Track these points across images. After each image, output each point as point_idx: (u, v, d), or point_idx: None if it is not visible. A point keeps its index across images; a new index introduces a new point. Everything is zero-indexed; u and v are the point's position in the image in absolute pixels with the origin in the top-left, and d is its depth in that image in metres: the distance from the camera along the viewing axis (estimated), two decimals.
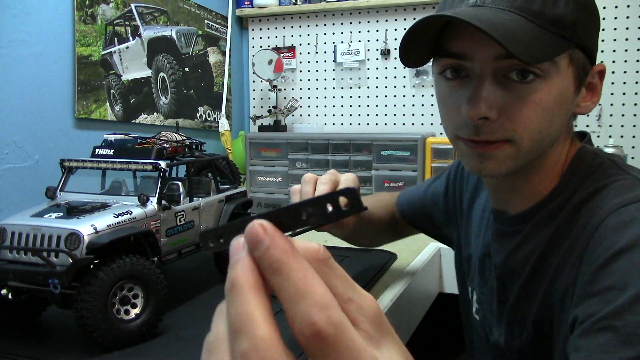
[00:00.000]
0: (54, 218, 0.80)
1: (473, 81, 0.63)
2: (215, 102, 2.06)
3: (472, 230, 0.88)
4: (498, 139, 0.62)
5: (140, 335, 0.79)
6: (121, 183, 0.97)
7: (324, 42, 2.15)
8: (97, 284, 0.74)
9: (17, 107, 1.27)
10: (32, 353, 0.77)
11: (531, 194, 0.70)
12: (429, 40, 0.64)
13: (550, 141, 0.65)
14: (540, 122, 0.62)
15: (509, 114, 0.61)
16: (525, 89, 0.61)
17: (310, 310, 0.25)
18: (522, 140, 0.62)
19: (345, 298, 0.27)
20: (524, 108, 0.61)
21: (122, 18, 1.59)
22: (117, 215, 0.81)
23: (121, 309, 0.78)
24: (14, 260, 0.78)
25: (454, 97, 0.66)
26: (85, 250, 0.75)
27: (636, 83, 1.77)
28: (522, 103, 0.61)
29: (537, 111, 0.61)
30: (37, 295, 0.81)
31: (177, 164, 0.96)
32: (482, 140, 0.63)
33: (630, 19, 1.76)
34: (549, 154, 0.67)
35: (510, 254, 0.72)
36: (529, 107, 0.61)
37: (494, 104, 0.61)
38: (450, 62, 0.65)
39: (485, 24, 0.55)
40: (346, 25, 2.10)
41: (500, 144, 0.63)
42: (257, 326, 0.25)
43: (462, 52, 0.63)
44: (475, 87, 0.62)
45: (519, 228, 0.71)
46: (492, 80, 0.62)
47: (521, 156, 0.64)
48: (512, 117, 0.61)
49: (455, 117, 0.66)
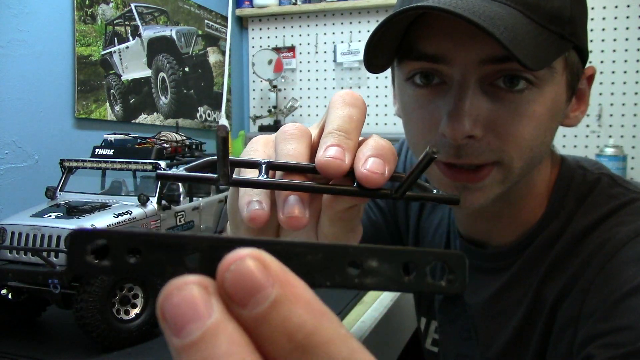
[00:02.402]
0: (53, 218, 0.80)
1: (453, 90, 0.50)
2: (215, 102, 2.06)
3: None
4: (484, 161, 0.51)
5: (140, 335, 0.79)
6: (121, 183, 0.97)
7: (324, 42, 2.15)
8: (97, 284, 0.74)
9: (17, 107, 1.27)
10: (32, 353, 0.77)
11: (517, 221, 0.59)
12: (394, 40, 0.52)
13: (540, 159, 0.55)
14: (533, 138, 0.50)
15: (496, 130, 0.50)
16: (516, 100, 0.49)
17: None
18: (512, 160, 0.51)
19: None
20: (514, 122, 0.50)
21: (122, 18, 1.59)
22: (117, 215, 0.81)
23: (121, 309, 0.78)
24: (14, 260, 0.78)
25: (426, 109, 0.52)
26: None
27: (636, 83, 1.77)
28: (513, 116, 0.49)
29: (530, 126, 0.50)
30: (37, 295, 0.81)
31: (177, 164, 0.96)
32: (465, 164, 0.51)
33: (630, 19, 1.76)
34: (535, 173, 0.57)
35: (496, 295, 0.61)
36: (521, 121, 0.50)
37: (479, 118, 0.49)
38: (422, 65, 0.51)
39: (483, 18, 0.43)
40: (346, 25, 2.10)
41: (488, 170, 0.51)
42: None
43: (438, 53, 0.50)
44: (456, 98, 0.49)
45: (504, 264, 0.60)
46: (477, 89, 0.49)
47: (510, 180, 0.52)
48: (500, 134, 0.50)
49: (428, 135, 0.53)
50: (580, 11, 0.51)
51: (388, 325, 0.97)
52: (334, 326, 0.16)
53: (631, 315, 0.47)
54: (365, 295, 1.01)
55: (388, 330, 0.98)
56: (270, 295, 0.15)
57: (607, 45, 1.78)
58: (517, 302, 0.59)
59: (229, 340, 0.14)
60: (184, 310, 0.14)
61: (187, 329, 0.14)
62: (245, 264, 0.14)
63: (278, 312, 0.14)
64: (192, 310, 0.14)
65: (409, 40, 0.51)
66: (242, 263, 0.15)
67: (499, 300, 0.61)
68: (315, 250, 0.17)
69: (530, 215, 0.58)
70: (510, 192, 0.55)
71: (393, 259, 0.18)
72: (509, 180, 0.52)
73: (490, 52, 0.47)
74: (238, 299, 0.15)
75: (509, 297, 0.60)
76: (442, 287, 0.19)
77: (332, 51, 2.12)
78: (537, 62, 0.45)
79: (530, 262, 0.58)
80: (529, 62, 0.44)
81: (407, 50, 0.52)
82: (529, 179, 0.57)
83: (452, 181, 0.52)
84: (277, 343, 0.14)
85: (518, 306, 0.59)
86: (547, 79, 0.50)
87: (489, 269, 0.61)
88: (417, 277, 0.19)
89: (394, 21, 0.47)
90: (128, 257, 0.16)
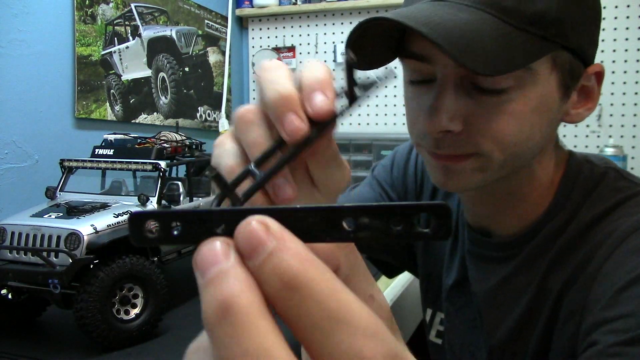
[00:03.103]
0: (53, 218, 0.80)
1: (435, 87, 0.54)
2: (215, 102, 2.06)
3: (431, 245, 0.76)
4: (462, 153, 0.54)
5: (140, 335, 0.79)
6: (121, 183, 0.97)
7: (324, 42, 2.15)
8: (97, 284, 0.74)
9: (17, 107, 1.27)
10: (32, 353, 0.77)
11: (522, 212, 0.61)
12: (390, 39, 0.55)
13: (532, 154, 0.56)
14: (516, 134, 0.53)
15: (476, 127, 0.52)
16: (494, 99, 0.52)
17: (357, 342, 0.18)
18: (492, 153, 0.53)
19: None
20: (494, 120, 0.52)
21: (122, 18, 1.59)
22: (117, 215, 0.81)
23: (121, 309, 0.78)
24: (14, 260, 0.78)
25: (416, 103, 0.57)
26: (85, 250, 0.75)
27: (636, 83, 1.77)
28: (493, 114, 0.52)
29: (511, 123, 0.52)
30: (37, 295, 0.81)
31: (177, 164, 0.96)
32: (443, 155, 0.55)
33: (630, 19, 1.76)
34: (537, 166, 0.59)
35: (501, 284, 0.63)
36: (501, 119, 0.52)
37: (457, 114, 0.52)
38: (412, 63, 0.56)
39: (435, 29, 0.46)
40: (346, 25, 2.10)
41: (467, 157, 0.54)
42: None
43: (423, 53, 0.53)
44: (435, 95, 0.53)
45: (510, 253, 0.62)
46: (456, 87, 0.53)
47: (493, 169, 0.55)
48: (479, 130, 0.52)
49: (415, 127, 0.58)
50: (574, 11, 0.52)
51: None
52: (318, 271, 0.19)
53: (634, 303, 0.48)
54: None
55: None
56: (267, 248, 0.19)
57: (607, 45, 1.78)
58: (521, 290, 0.60)
59: (238, 279, 0.19)
60: (207, 257, 0.19)
61: (209, 270, 0.19)
62: (252, 226, 0.19)
63: (272, 260, 0.19)
64: (213, 257, 0.19)
65: (404, 40, 0.56)
66: (250, 226, 0.19)
67: (504, 288, 0.62)
68: (314, 212, 0.21)
69: (536, 207, 0.60)
70: (509, 183, 0.58)
71: (382, 214, 0.21)
72: (490, 170, 0.55)
73: None
74: (246, 253, 0.19)
75: (514, 286, 0.61)
76: (428, 234, 0.21)
77: (332, 51, 2.12)
78: (495, 67, 0.47)
79: (536, 252, 0.59)
80: (481, 67, 0.46)
81: (402, 49, 0.56)
82: (530, 172, 0.59)
83: (436, 162, 0.57)
84: (271, 284, 0.19)
85: (523, 295, 0.60)
86: (527, 80, 0.51)
87: (495, 258, 0.63)
88: (405, 228, 0.21)
89: (366, 26, 0.50)
90: (172, 231, 0.21)
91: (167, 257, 0.91)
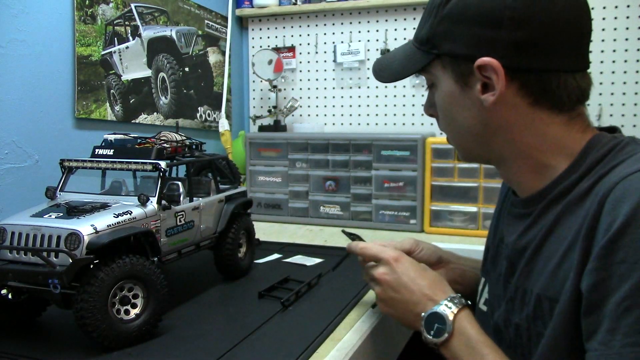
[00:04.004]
0: (53, 218, 0.80)
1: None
2: (215, 102, 2.06)
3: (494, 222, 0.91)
4: (442, 131, 0.81)
5: (140, 335, 0.79)
6: (121, 183, 0.97)
7: (324, 42, 2.15)
8: (97, 284, 0.74)
9: (17, 107, 1.27)
10: (32, 353, 0.77)
11: (536, 176, 0.73)
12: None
13: (468, 133, 0.76)
14: (443, 118, 0.79)
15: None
16: (432, 92, 0.80)
17: (377, 270, 0.84)
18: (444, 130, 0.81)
19: None
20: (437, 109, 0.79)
21: (122, 18, 1.59)
22: (117, 215, 0.81)
23: (121, 309, 0.78)
24: (14, 260, 0.78)
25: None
26: (85, 250, 0.75)
27: (636, 83, 1.77)
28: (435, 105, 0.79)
29: (440, 111, 0.78)
30: (37, 295, 0.81)
31: (177, 164, 0.96)
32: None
33: (630, 19, 1.76)
34: (503, 141, 0.73)
35: (522, 233, 0.75)
36: (437, 108, 0.79)
37: (427, 104, 0.82)
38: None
39: (375, 65, 0.85)
40: (346, 25, 2.10)
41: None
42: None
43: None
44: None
45: (530, 210, 0.74)
46: (430, 88, 0.80)
47: (456, 147, 0.82)
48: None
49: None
50: (448, 26, 0.71)
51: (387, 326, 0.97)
52: (374, 248, 0.87)
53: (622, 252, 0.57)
54: (365, 295, 1.01)
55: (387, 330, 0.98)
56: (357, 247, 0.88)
57: (607, 45, 1.78)
58: (533, 237, 0.72)
59: (369, 267, 0.88)
60: (367, 252, 0.88)
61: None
62: (353, 245, 0.90)
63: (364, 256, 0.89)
64: (372, 252, 0.87)
65: None
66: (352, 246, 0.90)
67: (524, 237, 0.74)
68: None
69: (554, 171, 0.72)
70: (490, 159, 0.79)
71: None
72: (454, 144, 0.81)
73: None
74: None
75: (529, 235, 0.73)
76: None
77: (332, 51, 2.12)
78: (394, 77, 0.80)
79: (549, 205, 0.71)
80: (384, 79, 0.82)
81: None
82: (505, 144, 0.74)
83: None
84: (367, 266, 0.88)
85: (533, 241, 0.72)
86: (434, 80, 0.77)
87: (519, 214, 0.77)
88: None
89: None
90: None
91: (167, 257, 0.91)
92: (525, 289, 0.72)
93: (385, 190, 1.70)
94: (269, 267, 1.22)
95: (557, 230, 0.68)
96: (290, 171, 1.83)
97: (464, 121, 0.75)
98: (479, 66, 0.69)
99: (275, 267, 1.21)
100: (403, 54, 0.79)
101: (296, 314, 0.92)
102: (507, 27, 0.66)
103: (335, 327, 0.86)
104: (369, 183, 1.73)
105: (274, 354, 0.76)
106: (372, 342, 0.88)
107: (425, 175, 1.65)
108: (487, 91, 0.70)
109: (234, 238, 1.07)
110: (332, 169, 1.78)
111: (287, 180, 1.83)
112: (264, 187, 1.87)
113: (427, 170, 1.65)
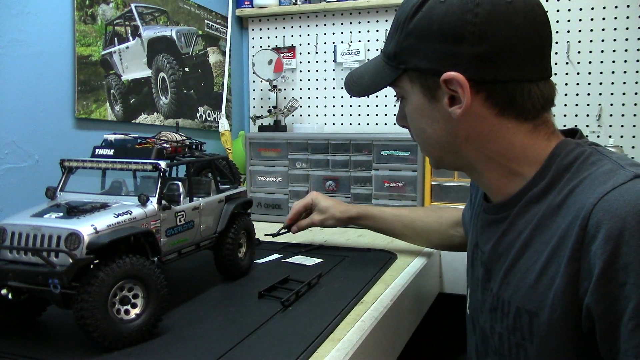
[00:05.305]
0: (54, 218, 0.80)
1: None
2: (215, 102, 2.06)
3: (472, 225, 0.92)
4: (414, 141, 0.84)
5: (140, 335, 0.79)
6: (121, 183, 0.97)
7: (324, 42, 2.15)
8: (97, 284, 0.74)
9: (17, 107, 1.27)
10: (32, 353, 0.77)
11: (506, 182, 0.76)
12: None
13: (438, 144, 0.78)
14: (414, 130, 0.81)
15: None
16: (403, 104, 0.81)
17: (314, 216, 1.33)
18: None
19: None
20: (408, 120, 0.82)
21: (122, 18, 1.59)
22: (117, 215, 0.81)
23: (121, 309, 0.78)
24: (14, 260, 0.78)
25: None
26: (85, 250, 0.75)
27: (636, 83, 1.77)
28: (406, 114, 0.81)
29: (410, 122, 0.81)
30: (37, 295, 0.81)
31: (177, 164, 0.96)
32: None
33: (630, 19, 1.76)
34: (473, 150, 0.75)
35: (498, 239, 0.77)
36: (408, 119, 0.81)
37: (399, 116, 0.85)
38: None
39: (347, 78, 0.87)
40: (346, 25, 2.11)
41: None
42: None
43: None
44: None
45: (506, 214, 0.76)
46: (401, 100, 0.82)
47: (427, 156, 0.84)
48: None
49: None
50: (414, 43, 0.72)
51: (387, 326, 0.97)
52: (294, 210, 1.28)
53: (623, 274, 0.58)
54: (365, 295, 1.01)
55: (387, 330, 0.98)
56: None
57: (607, 45, 1.78)
58: (511, 243, 0.74)
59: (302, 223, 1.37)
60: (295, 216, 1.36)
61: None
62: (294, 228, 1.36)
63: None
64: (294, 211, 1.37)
65: None
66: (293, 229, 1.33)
67: (500, 243, 0.76)
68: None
69: (521, 179, 0.74)
70: (462, 167, 0.81)
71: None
72: (427, 155, 0.84)
73: None
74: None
75: (506, 240, 0.75)
76: None
77: (332, 51, 2.12)
78: (365, 91, 0.83)
79: (524, 209, 0.73)
80: (354, 93, 0.85)
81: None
82: (474, 153, 0.76)
83: None
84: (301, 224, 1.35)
85: (511, 248, 0.74)
86: (403, 94, 0.79)
87: (493, 220, 0.79)
88: None
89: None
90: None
91: (167, 257, 0.91)
92: (504, 300, 0.74)
93: (385, 190, 1.70)
94: (269, 267, 1.22)
95: (533, 245, 0.70)
96: (290, 171, 1.83)
97: (433, 132, 0.77)
98: (444, 80, 0.70)
99: (275, 267, 1.21)
100: (373, 68, 0.81)
101: (296, 314, 0.92)
102: (469, 42, 0.68)
103: (335, 327, 0.86)
104: (369, 183, 1.73)
105: (274, 354, 0.76)
106: (372, 342, 0.88)
107: (425, 175, 1.65)
108: (454, 104, 0.72)
109: (234, 238, 1.07)
110: (332, 169, 1.78)
111: (287, 180, 1.83)
112: (264, 187, 1.87)
113: (427, 170, 1.65)
